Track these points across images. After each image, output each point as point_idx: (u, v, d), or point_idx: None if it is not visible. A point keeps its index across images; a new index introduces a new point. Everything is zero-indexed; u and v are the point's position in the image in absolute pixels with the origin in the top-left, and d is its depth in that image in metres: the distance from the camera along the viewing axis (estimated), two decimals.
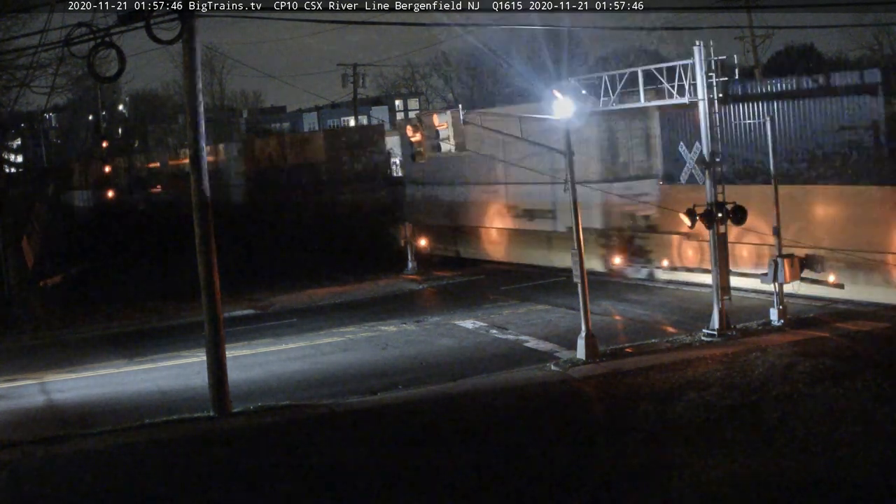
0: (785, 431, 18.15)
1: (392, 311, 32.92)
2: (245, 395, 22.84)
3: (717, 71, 25.26)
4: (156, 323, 34.03)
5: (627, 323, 28.35)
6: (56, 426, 21.53)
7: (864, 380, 20.09)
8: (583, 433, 19.26)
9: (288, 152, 59.26)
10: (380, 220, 48.25)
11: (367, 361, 26.09)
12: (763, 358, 22.38)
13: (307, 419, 20.82)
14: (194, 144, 21.47)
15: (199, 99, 21.49)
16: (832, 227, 27.96)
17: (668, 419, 19.38)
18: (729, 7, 50.84)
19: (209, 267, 21.46)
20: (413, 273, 39.81)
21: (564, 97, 26.50)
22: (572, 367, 23.54)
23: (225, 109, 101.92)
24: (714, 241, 25.30)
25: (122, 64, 20.87)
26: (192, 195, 21.51)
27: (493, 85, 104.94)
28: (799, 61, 76.22)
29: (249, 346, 28.58)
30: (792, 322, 25.53)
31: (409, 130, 26.92)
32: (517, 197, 40.18)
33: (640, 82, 27.76)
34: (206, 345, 21.73)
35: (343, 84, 75.54)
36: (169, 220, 59.12)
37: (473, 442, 19.11)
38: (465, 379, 23.26)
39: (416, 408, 21.21)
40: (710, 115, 25.30)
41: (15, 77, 35.84)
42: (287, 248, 49.42)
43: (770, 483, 16.17)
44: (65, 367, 27.86)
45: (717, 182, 25.20)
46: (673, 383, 21.31)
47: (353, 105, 77.84)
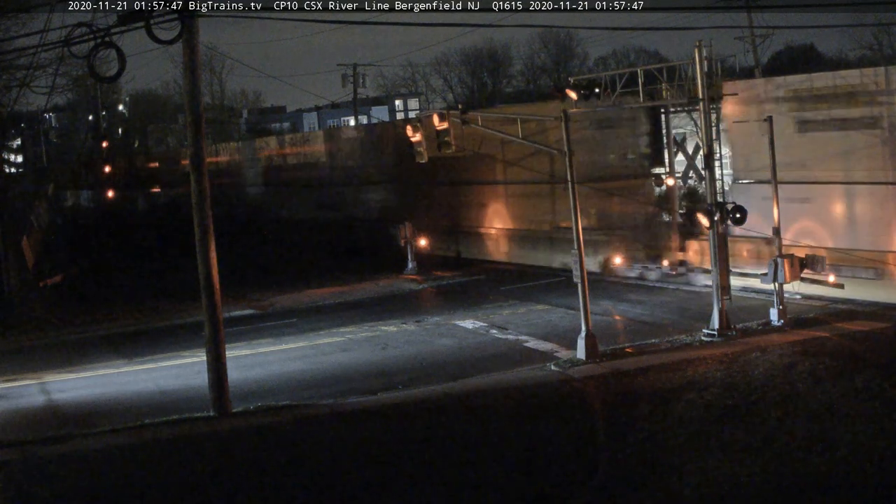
0: (785, 431, 18.16)
1: (392, 311, 32.91)
2: (245, 395, 22.84)
3: (717, 71, 25.28)
4: (156, 323, 34.01)
5: (627, 323, 28.35)
6: (56, 426, 21.53)
7: (864, 380, 20.08)
8: (583, 433, 19.26)
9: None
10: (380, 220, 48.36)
11: (367, 361, 26.09)
12: (763, 358, 22.38)
13: (307, 419, 20.82)
14: (194, 144, 21.48)
15: (200, 99, 21.51)
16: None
17: (668, 419, 19.38)
18: (729, 7, 50.84)
19: (209, 267, 21.47)
20: (413, 273, 39.79)
21: (565, 97, 26.61)
22: (572, 367, 23.54)
23: (225, 109, 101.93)
24: (714, 241, 25.30)
25: (122, 64, 20.87)
26: (192, 195, 21.52)
27: (494, 85, 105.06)
28: (799, 61, 76.24)
29: (249, 346, 28.59)
30: (792, 322, 25.53)
31: (410, 131, 26.94)
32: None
33: (640, 82, 27.80)
34: (206, 345, 21.73)
35: (343, 84, 75.63)
36: (171, 220, 59.24)
37: (473, 442, 19.11)
38: (465, 379, 23.26)
39: (415, 408, 21.20)
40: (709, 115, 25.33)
41: (15, 77, 35.86)
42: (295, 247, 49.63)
43: (770, 483, 16.18)
44: (65, 367, 27.86)
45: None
46: (673, 383, 21.31)
47: (354, 105, 77.88)
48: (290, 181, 62.13)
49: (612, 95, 28.43)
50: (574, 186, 24.36)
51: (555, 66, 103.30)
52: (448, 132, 25.80)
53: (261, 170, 67.21)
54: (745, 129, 29.87)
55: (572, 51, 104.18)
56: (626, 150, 36.31)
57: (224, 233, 27.39)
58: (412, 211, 45.37)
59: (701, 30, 49.98)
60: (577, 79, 30.37)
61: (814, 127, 28.58)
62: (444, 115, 25.98)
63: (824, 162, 28.33)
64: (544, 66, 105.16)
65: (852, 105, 27.65)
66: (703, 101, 25.42)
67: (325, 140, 59.07)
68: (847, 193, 28.36)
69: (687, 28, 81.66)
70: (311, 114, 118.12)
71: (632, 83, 28.29)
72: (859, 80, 27.77)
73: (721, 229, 25.37)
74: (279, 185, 63.91)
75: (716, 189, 25.25)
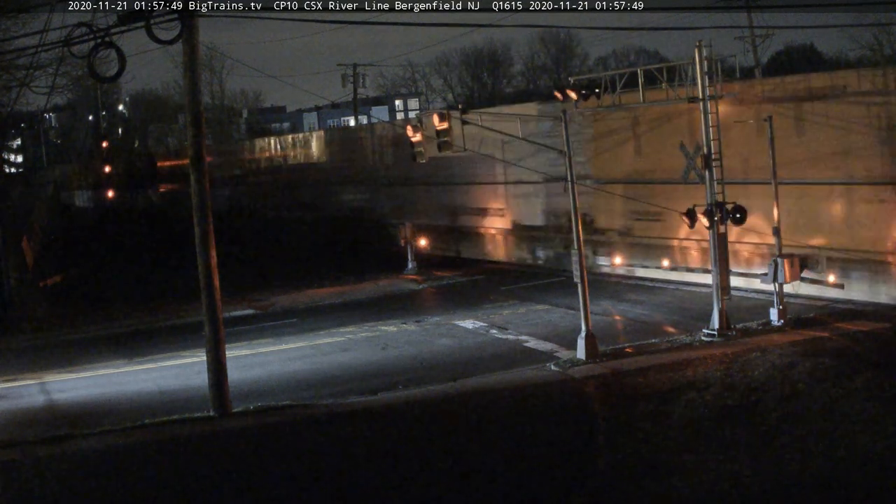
0: (785, 431, 18.15)
1: (392, 311, 32.91)
2: (245, 395, 22.85)
3: (717, 71, 25.24)
4: (156, 323, 34.03)
5: (627, 323, 28.35)
6: (56, 426, 21.54)
7: (864, 380, 20.07)
8: (582, 433, 19.26)
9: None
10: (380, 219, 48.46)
11: (367, 361, 26.09)
12: (763, 358, 22.37)
13: (307, 419, 20.84)
14: (194, 144, 21.48)
15: (200, 99, 21.51)
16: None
17: (668, 419, 19.38)
18: (729, 7, 50.88)
19: (209, 267, 21.47)
20: (413, 273, 39.80)
21: (565, 97, 26.60)
22: (572, 367, 23.54)
23: (225, 109, 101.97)
24: (714, 241, 25.31)
25: (122, 64, 20.89)
26: (192, 195, 21.52)
27: (494, 85, 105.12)
28: (799, 61, 76.30)
29: (249, 346, 28.59)
30: (792, 322, 25.53)
31: (410, 131, 26.95)
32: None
33: (640, 82, 27.78)
34: (206, 345, 21.75)
35: (343, 84, 75.69)
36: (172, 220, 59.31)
37: (473, 442, 19.12)
38: (465, 379, 23.26)
39: (415, 408, 21.22)
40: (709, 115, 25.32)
41: (15, 77, 35.86)
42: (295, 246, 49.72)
43: (770, 483, 16.18)
44: (65, 367, 27.88)
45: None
46: (673, 383, 21.31)
47: (354, 105, 77.90)
48: (284, 181, 62.58)
49: (612, 95, 28.41)
50: (574, 186, 24.37)
51: (555, 66, 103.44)
52: (448, 132, 25.80)
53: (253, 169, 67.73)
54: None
55: (572, 51, 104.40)
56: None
57: (224, 233, 27.42)
58: (411, 211, 45.56)
59: (701, 30, 49.96)
60: (577, 79, 30.37)
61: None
62: (444, 115, 25.98)
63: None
64: (544, 66, 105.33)
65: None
66: (703, 101, 25.42)
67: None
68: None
69: (687, 28, 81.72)
70: (311, 114, 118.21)
71: (632, 83, 28.27)
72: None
73: (721, 229, 25.38)
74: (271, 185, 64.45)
75: (715, 189, 25.24)
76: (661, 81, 28.37)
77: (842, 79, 28.54)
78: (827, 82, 28.69)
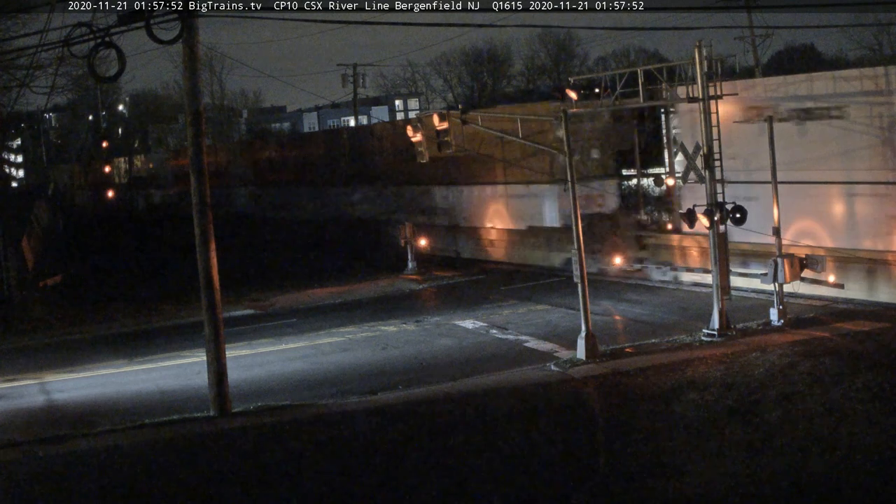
0: (785, 431, 18.15)
1: (392, 311, 32.91)
2: (245, 394, 22.85)
3: (717, 71, 25.22)
4: (156, 323, 34.03)
5: (627, 323, 28.35)
6: (56, 426, 21.53)
7: (864, 380, 20.08)
8: (582, 433, 19.26)
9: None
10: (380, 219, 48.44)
11: (367, 361, 26.09)
12: (763, 358, 22.37)
13: (307, 419, 20.83)
14: (194, 144, 21.48)
15: (200, 99, 21.50)
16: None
17: (668, 419, 19.38)
18: (729, 7, 50.86)
19: (209, 267, 21.46)
20: (413, 273, 39.79)
21: (565, 97, 26.63)
22: (572, 367, 23.54)
23: (225, 109, 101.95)
24: (714, 241, 25.30)
25: (122, 64, 20.89)
26: (192, 195, 21.52)
27: (494, 85, 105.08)
28: (799, 61, 76.26)
29: (249, 346, 28.59)
30: (792, 322, 25.53)
31: (410, 131, 26.97)
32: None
33: (640, 82, 27.75)
34: (206, 345, 21.74)
35: (343, 84, 75.64)
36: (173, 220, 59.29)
37: (473, 442, 19.10)
38: (465, 379, 23.26)
39: (415, 408, 21.21)
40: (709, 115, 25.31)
41: (15, 77, 35.86)
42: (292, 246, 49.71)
43: (770, 483, 16.17)
44: (65, 367, 27.87)
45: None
46: (673, 383, 21.31)
47: (354, 105, 77.90)
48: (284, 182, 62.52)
49: (611, 95, 28.40)
50: (574, 186, 24.37)
51: (555, 66, 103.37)
52: (448, 132, 25.82)
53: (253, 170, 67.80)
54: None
55: (572, 51, 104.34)
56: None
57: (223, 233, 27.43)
58: (411, 211, 45.56)
59: (701, 30, 50.05)
60: (577, 78, 30.37)
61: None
62: (444, 115, 26.00)
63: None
64: (544, 66, 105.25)
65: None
66: (703, 101, 25.41)
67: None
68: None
69: (687, 28, 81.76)
70: (311, 114, 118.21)
71: (632, 83, 28.25)
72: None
73: (721, 229, 25.37)
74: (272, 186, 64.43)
75: (715, 189, 25.23)
76: (661, 81, 28.35)
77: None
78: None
